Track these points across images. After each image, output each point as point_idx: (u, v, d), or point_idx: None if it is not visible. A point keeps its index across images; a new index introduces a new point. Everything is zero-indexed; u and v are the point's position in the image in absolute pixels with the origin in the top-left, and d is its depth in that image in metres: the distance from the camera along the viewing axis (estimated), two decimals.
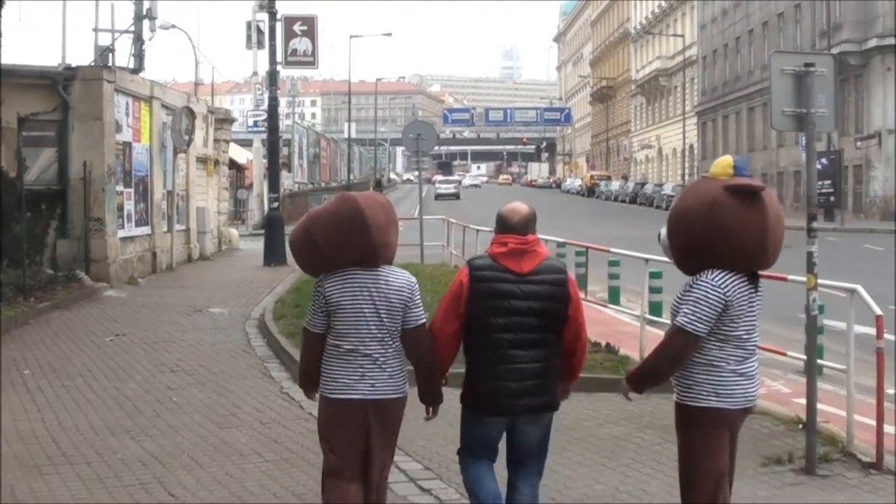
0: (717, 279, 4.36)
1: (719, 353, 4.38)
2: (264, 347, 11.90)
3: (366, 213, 4.59)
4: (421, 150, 21.02)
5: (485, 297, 4.66)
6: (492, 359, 4.67)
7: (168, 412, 8.60)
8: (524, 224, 4.80)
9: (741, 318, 4.38)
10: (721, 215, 4.34)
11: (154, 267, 20.58)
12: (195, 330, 13.19)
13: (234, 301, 16.19)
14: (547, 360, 4.72)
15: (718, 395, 4.39)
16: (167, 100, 22.06)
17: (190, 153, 23.60)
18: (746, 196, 4.36)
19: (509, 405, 4.67)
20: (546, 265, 4.77)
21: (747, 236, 4.34)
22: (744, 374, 4.41)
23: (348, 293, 4.64)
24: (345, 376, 4.65)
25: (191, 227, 23.89)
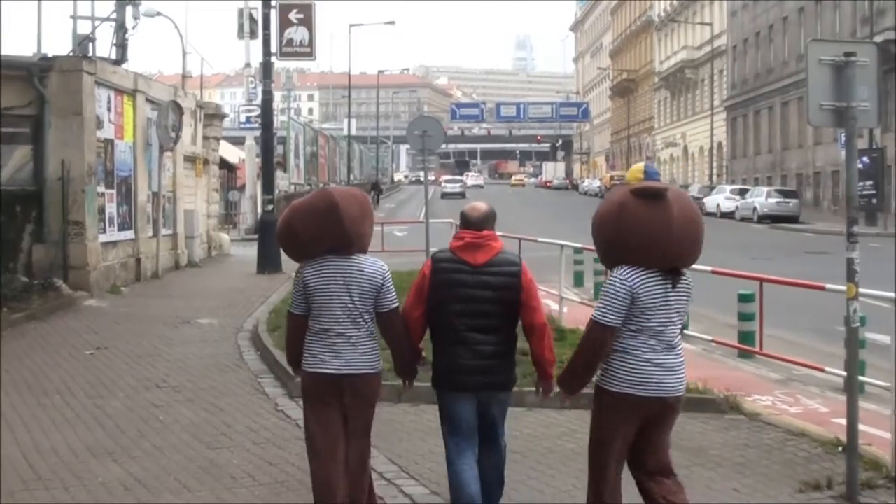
0: (625, 273, 5.14)
1: (633, 343, 5.13)
2: (258, 361, 11.92)
3: (340, 206, 5.58)
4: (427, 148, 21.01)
5: (443, 286, 5.70)
6: (451, 340, 5.67)
7: (153, 432, 8.61)
8: (480, 221, 5.79)
9: (653, 310, 5.11)
10: (628, 216, 5.14)
11: (138, 274, 20.62)
12: (183, 343, 13.21)
13: (224, 311, 16.21)
14: (503, 343, 5.70)
15: (631, 382, 5.11)
16: (152, 93, 22.13)
17: (177, 151, 23.65)
18: (650, 198, 5.13)
19: (465, 381, 5.65)
20: (500, 258, 5.74)
21: (653, 234, 5.07)
22: (660, 366, 5.11)
23: (324, 279, 5.64)
24: (320, 352, 5.64)
25: (178, 231, 23.94)
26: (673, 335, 5.18)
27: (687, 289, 5.27)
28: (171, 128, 21.96)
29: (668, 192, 5.16)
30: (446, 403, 5.77)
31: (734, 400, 9.38)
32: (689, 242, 5.18)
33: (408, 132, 22.01)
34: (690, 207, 5.22)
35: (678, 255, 5.17)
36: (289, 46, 26.37)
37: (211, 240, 28.06)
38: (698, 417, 9.03)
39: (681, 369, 5.23)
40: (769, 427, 8.73)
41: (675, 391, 5.19)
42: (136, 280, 20.40)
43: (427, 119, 25.75)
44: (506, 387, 5.79)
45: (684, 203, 5.19)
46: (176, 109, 22.25)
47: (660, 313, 5.13)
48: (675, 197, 5.17)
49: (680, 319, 5.24)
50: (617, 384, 5.14)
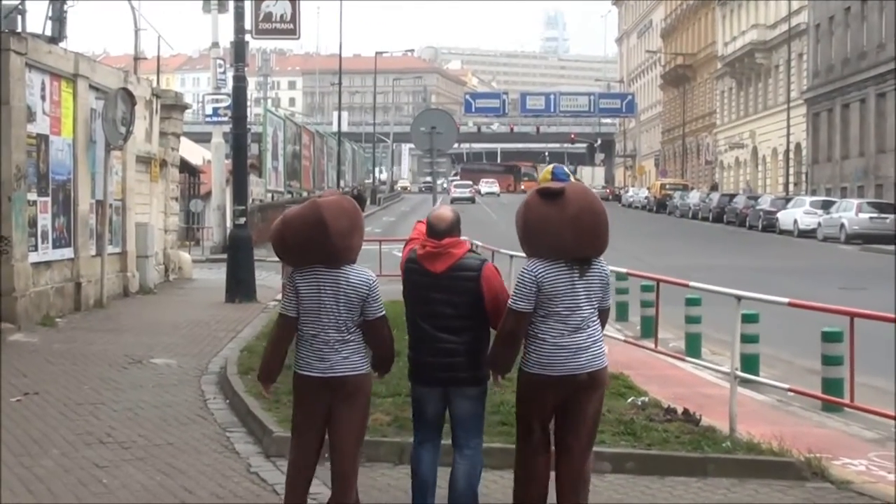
0: (531, 265, 7.08)
1: (543, 327, 7.03)
2: (226, 411, 11.92)
3: (327, 220, 6.94)
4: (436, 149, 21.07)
5: (410, 289, 7.47)
6: (418, 338, 7.42)
7: (95, 498, 8.58)
8: (443, 230, 7.33)
9: (559, 297, 6.99)
10: (530, 214, 7.09)
11: (78, 302, 20.64)
12: (133, 388, 13.18)
13: (185, 349, 16.21)
14: (470, 342, 7.29)
15: (542, 364, 7.02)
16: (97, 79, 22.20)
17: (128, 150, 23.72)
18: (547, 197, 7.03)
19: (433, 377, 7.35)
20: (460, 264, 7.30)
21: (549, 229, 6.98)
22: (566, 347, 6.99)
23: (313, 287, 7.07)
24: (307, 356, 7.11)
25: (128, 249, 23.97)
26: (580, 318, 7.02)
27: (599, 277, 7.12)
28: (121, 121, 22.02)
29: (567, 192, 7.00)
30: (415, 395, 7.57)
31: (818, 464, 9.37)
32: (589, 236, 7.00)
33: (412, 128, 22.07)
34: (590, 204, 7.03)
35: (577, 247, 6.99)
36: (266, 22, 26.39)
37: (169, 260, 28.08)
38: (773, 485, 9.02)
39: (592, 348, 7.04)
40: (863, 498, 8.71)
41: (585, 368, 7.00)
42: (74, 309, 20.41)
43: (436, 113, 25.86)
44: (472, 383, 7.34)
45: (583, 201, 7.02)
46: (126, 99, 22.31)
47: (566, 300, 7.00)
48: (573, 195, 7.01)
49: (590, 304, 7.08)
50: (530, 365, 7.07)
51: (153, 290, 24.83)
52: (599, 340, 7.13)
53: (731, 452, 9.57)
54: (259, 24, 26.23)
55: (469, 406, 7.42)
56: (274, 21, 26.36)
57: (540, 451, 7.21)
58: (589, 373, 7.01)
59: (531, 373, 7.07)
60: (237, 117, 25.07)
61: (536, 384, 7.06)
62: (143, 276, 24.69)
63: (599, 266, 7.15)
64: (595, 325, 7.12)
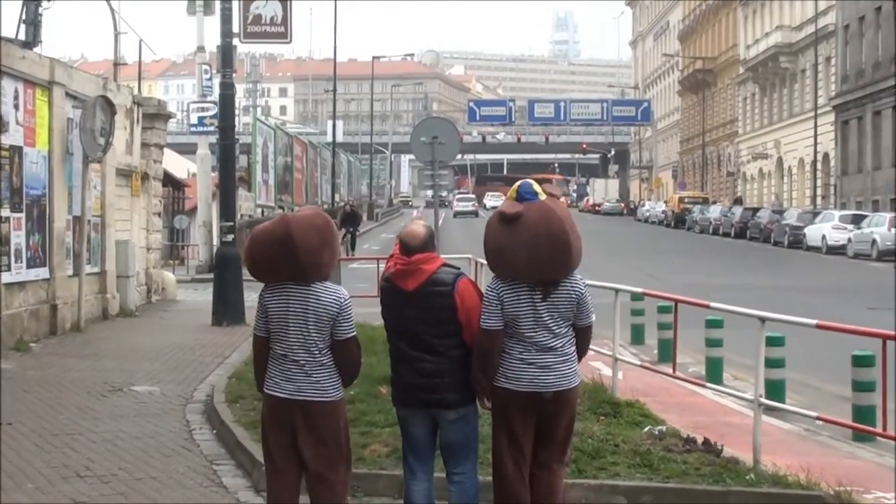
0: (493, 284, 7.55)
1: (509, 344, 7.49)
2: (213, 443, 11.92)
3: (295, 236, 7.12)
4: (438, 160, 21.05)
5: (386, 309, 7.73)
6: (397, 358, 7.71)
7: None
8: (415, 247, 7.53)
9: (521, 319, 7.44)
10: (488, 237, 7.59)
11: (54, 326, 20.63)
12: (113, 417, 13.18)
13: (169, 376, 16.21)
14: (448, 361, 7.52)
15: (508, 378, 7.48)
16: (74, 86, 22.23)
17: (107, 163, 23.74)
18: (503, 220, 7.45)
19: (415, 398, 7.58)
20: (433, 280, 7.51)
21: (504, 254, 7.44)
22: (533, 364, 7.43)
23: (281, 305, 7.26)
24: (276, 375, 7.30)
25: (108, 269, 23.97)
26: (546, 339, 7.44)
27: (567, 297, 7.48)
28: (100, 132, 22.04)
29: (524, 215, 7.36)
30: (401, 419, 7.83)
31: (848, 498, 9.35)
32: (545, 262, 7.34)
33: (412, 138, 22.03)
34: (548, 229, 7.34)
35: (532, 272, 7.38)
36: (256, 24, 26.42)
37: (151, 280, 28.08)
38: None
39: (559, 367, 7.46)
40: None
41: (552, 386, 7.43)
42: (50, 333, 20.40)
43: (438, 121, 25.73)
44: (457, 404, 7.57)
45: (541, 225, 7.34)
46: (105, 108, 22.34)
47: (527, 321, 7.44)
48: (531, 219, 7.36)
49: (558, 324, 7.47)
50: (498, 379, 7.49)
51: (134, 312, 24.82)
52: (570, 360, 7.53)
53: (755, 485, 9.55)
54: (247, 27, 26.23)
55: (457, 429, 7.65)
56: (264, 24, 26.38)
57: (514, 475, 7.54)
58: (556, 392, 7.44)
59: (498, 386, 7.51)
60: (224, 127, 25.02)
61: (502, 397, 7.50)
62: (123, 298, 24.69)
63: (570, 285, 7.52)
64: (567, 343, 7.52)
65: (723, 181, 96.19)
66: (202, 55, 42.79)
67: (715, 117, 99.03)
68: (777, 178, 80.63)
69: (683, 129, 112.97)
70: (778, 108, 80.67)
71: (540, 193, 7.54)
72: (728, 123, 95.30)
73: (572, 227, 7.49)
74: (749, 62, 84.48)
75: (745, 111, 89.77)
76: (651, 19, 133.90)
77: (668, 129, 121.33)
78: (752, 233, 61.50)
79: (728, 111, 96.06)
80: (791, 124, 76.36)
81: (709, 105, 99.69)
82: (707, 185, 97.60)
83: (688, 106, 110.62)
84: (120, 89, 26.45)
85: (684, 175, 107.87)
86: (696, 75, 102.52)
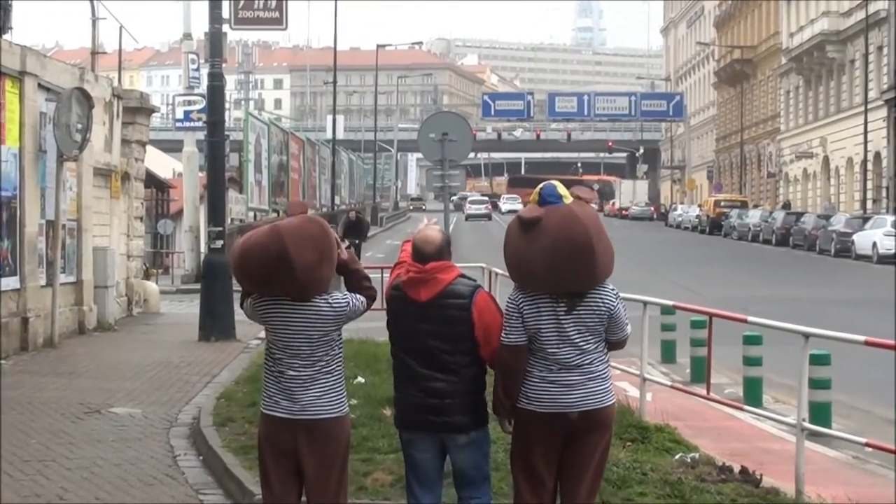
0: (513, 296, 7.49)
1: (532, 362, 7.42)
2: (199, 470, 11.93)
3: (291, 253, 7.10)
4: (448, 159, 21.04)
5: (394, 320, 7.64)
6: (403, 376, 7.62)
7: None
8: (429, 254, 7.51)
9: (543, 333, 7.36)
10: (507, 242, 7.52)
11: (25, 341, 20.65)
12: (89, 442, 13.17)
13: (151, 396, 16.19)
14: (461, 381, 7.49)
15: (529, 398, 7.42)
16: (48, 77, 22.26)
17: (84, 162, 23.76)
18: (523, 225, 7.40)
19: (423, 420, 7.51)
20: (448, 291, 7.49)
21: (523, 262, 7.39)
22: (554, 383, 7.36)
23: (279, 320, 7.30)
24: (275, 393, 7.32)
25: (84, 278, 23.99)
26: (570, 356, 7.37)
27: (595, 310, 7.41)
28: (76, 127, 22.07)
29: (544, 219, 7.29)
30: (405, 443, 7.74)
31: None
32: (564, 272, 7.26)
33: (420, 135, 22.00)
34: (569, 236, 7.25)
35: (551, 282, 7.32)
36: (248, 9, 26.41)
37: (132, 291, 28.06)
38: None
39: (588, 385, 7.37)
40: None
41: (575, 406, 7.32)
42: (21, 349, 20.40)
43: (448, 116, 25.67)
44: (463, 429, 7.53)
45: (561, 231, 7.26)
46: (82, 101, 22.37)
47: (550, 336, 7.37)
48: (552, 224, 7.29)
49: (585, 340, 7.40)
50: (520, 400, 7.43)
51: (113, 326, 24.83)
52: (600, 377, 7.46)
53: None
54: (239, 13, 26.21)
55: (468, 456, 7.62)
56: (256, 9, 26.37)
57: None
58: (583, 412, 7.35)
59: (519, 407, 7.45)
60: (213, 122, 24.95)
61: (523, 419, 7.45)
62: (101, 310, 24.70)
63: (599, 297, 7.45)
64: (597, 361, 7.45)
65: (763, 183, 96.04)
66: (189, 43, 42.80)
67: (754, 112, 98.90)
68: (823, 180, 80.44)
69: (719, 125, 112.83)
70: (824, 102, 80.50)
71: (565, 196, 7.47)
72: (769, 119, 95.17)
73: (599, 233, 7.38)
74: (792, 52, 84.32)
75: (787, 106, 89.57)
76: (684, 5, 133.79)
77: (703, 125, 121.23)
78: (795, 240, 61.33)
79: (769, 106, 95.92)
80: (838, 120, 76.22)
81: (748, 99, 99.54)
82: (746, 188, 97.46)
83: (724, 100, 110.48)
84: (98, 80, 26.47)
85: (720, 176, 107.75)
86: (733, 66, 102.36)
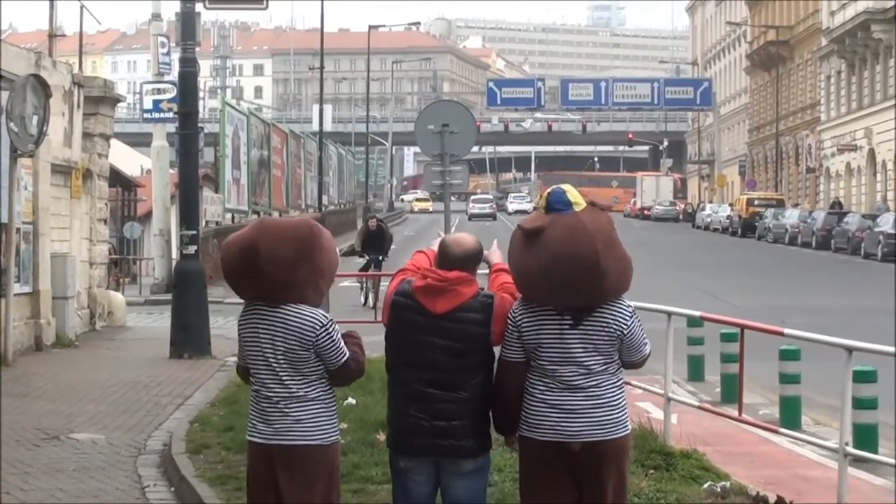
0: (514, 307, 7.44)
1: (531, 382, 7.36)
2: (171, 503, 11.95)
3: (260, 247, 7.15)
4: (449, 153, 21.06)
5: (398, 331, 7.48)
6: (403, 394, 7.46)
7: None
8: (458, 257, 7.47)
9: (543, 348, 7.30)
10: (512, 253, 7.46)
11: None
12: (48, 472, 13.17)
13: (116, 421, 16.19)
14: (469, 401, 7.39)
15: (528, 424, 7.33)
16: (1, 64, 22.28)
17: (41, 158, 23.75)
18: (525, 236, 7.35)
19: (418, 444, 7.39)
20: (467, 306, 7.39)
21: (522, 275, 7.38)
22: (555, 407, 7.25)
23: (249, 330, 7.39)
24: (254, 416, 7.38)
25: (41, 288, 23.97)
26: (573, 377, 7.28)
27: (604, 326, 7.33)
28: (31, 120, 22.11)
29: (547, 230, 7.26)
30: (396, 468, 7.59)
31: None
32: (566, 288, 7.22)
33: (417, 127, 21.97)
34: (572, 251, 7.20)
35: (553, 298, 7.30)
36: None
37: (95, 303, 28.00)
38: None
39: (594, 412, 7.25)
40: None
41: (578, 436, 7.21)
42: None
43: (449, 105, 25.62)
44: (470, 453, 7.43)
45: (564, 245, 7.22)
46: (39, 89, 22.39)
47: (552, 352, 7.30)
48: (554, 236, 7.25)
49: (592, 358, 7.31)
50: (521, 427, 7.40)
51: (74, 342, 24.77)
52: (609, 404, 7.34)
53: None
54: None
55: (470, 484, 7.54)
56: None
57: None
58: (587, 443, 7.24)
59: (521, 435, 7.45)
60: (186, 113, 24.92)
61: (526, 448, 7.42)
62: (61, 324, 24.66)
63: (610, 312, 7.38)
64: (607, 384, 7.34)
65: (801, 179, 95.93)
66: (158, 25, 42.81)
67: (792, 100, 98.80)
68: (868, 175, 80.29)
69: (753, 114, 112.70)
70: (869, 88, 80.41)
71: (576, 203, 7.37)
72: (808, 108, 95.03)
73: (609, 247, 7.29)
74: (833, 32, 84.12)
75: (828, 93, 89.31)
76: None
77: (734, 114, 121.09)
78: (837, 243, 61.04)
79: (808, 93, 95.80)
80: (885, 108, 76.10)
81: (784, 85, 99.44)
82: (782, 184, 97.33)
83: (758, 86, 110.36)
84: (57, 67, 26.46)
85: (754, 171, 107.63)
86: (768, 48, 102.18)
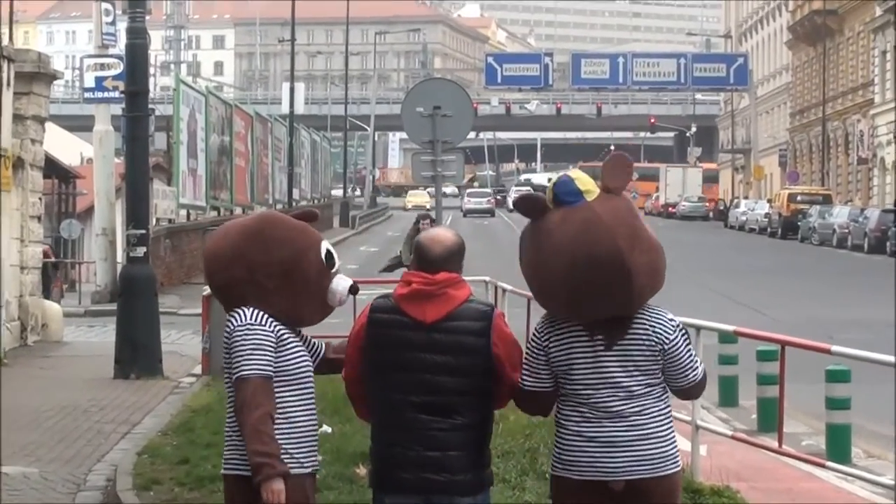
0: (539, 327, 7.23)
1: (562, 412, 7.17)
2: None
3: (206, 242, 7.73)
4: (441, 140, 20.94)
5: (383, 347, 7.24)
6: (389, 422, 7.25)
7: None
8: (438, 257, 7.21)
9: (574, 372, 7.08)
10: (524, 255, 7.25)
11: None
12: None
13: (52, 452, 16.27)
14: (467, 427, 7.16)
15: (561, 460, 7.16)
16: None
17: None
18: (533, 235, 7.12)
19: (408, 480, 7.13)
20: (462, 311, 7.16)
21: (547, 280, 7.07)
22: (592, 440, 7.02)
23: None
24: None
25: None
26: (612, 401, 7.03)
27: (641, 343, 7.04)
28: None
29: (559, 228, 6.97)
30: None
31: None
32: (591, 297, 6.94)
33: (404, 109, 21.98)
34: (590, 250, 6.89)
35: (580, 311, 7.03)
36: None
37: (27, 314, 27.99)
38: None
39: (634, 446, 7.00)
40: None
41: (621, 473, 6.99)
42: None
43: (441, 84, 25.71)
44: (468, 490, 7.19)
45: (581, 245, 6.91)
46: None
47: (585, 375, 7.06)
48: (570, 235, 6.96)
49: (635, 380, 7.03)
50: (553, 465, 7.26)
51: (3, 359, 24.73)
52: (656, 435, 7.10)
53: None
54: None
55: None
56: None
57: None
58: (631, 481, 7.02)
59: (554, 475, 7.25)
60: (134, 92, 24.90)
61: (559, 489, 7.21)
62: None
63: (647, 322, 7.14)
64: (651, 410, 7.09)
65: (852, 171, 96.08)
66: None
67: (840, 80, 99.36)
68: None
69: (795, 96, 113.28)
70: None
71: (587, 191, 7.05)
72: (859, 89, 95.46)
73: (633, 238, 6.99)
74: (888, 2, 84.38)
75: (883, 71, 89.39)
76: None
77: (774, 96, 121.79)
78: (893, 245, 61.24)
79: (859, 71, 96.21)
80: None
81: (832, 62, 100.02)
82: (829, 178, 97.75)
83: (801, 63, 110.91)
84: None
85: (796, 162, 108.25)
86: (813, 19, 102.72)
